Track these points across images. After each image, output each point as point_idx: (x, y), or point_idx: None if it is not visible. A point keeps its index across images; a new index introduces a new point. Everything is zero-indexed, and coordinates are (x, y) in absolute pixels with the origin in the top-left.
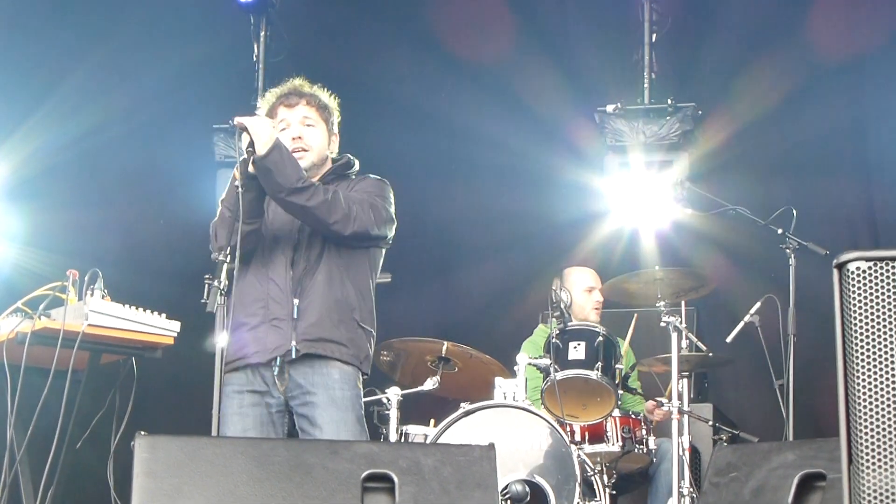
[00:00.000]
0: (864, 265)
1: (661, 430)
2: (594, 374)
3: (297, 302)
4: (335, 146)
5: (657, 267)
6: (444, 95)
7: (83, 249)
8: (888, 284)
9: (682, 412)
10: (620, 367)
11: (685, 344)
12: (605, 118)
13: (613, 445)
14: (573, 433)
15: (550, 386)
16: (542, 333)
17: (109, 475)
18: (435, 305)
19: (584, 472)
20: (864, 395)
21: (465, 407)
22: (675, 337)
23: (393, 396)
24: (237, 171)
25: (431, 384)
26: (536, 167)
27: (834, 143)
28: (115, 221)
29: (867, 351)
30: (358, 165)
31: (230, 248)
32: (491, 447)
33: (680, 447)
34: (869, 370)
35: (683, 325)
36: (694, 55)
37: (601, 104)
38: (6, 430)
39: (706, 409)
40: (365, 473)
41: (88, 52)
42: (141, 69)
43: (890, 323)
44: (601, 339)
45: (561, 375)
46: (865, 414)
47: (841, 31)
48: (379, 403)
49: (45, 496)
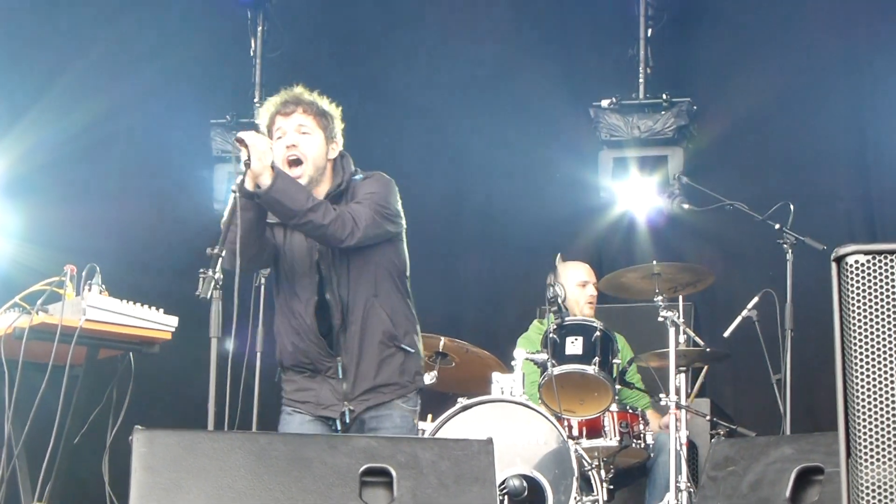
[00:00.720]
0: (862, 259)
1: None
2: (591, 368)
3: (340, 360)
4: (336, 152)
5: (654, 262)
6: (440, 90)
7: (81, 245)
8: (887, 278)
9: (679, 407)
10: (618, 361)
11: (682, 338)
12: (600, 113)
13: (611, 440)
14: (570, 428)
15: (548, 381)
16: (538, 328)
17: (104, 470)
18: (432, 301)
19: (581, 466)
20: (862, 388)
21: (462, 402)
22: (672, 331)
23: None
24: (236, 188)
25: (428, 379)
26: (532, 162)
27: (831, 137)
28: (112, 216)
29: (866, 344)
30: (353, 169)
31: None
32: (489, 442)
33: (677, 442)
34: (867, 364)
35: (681, 319)
36: (689, 50)
37: (596, 99)
38: (4, 424)
39: (704, 403)
40: (363, 468)
41: (86, 47)
42: (138, 64)
43: (888, 316)
44: (598, 333)
45: (558, 370)
46: (864, 407)
47: (839, 25)
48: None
49: (42, 490)
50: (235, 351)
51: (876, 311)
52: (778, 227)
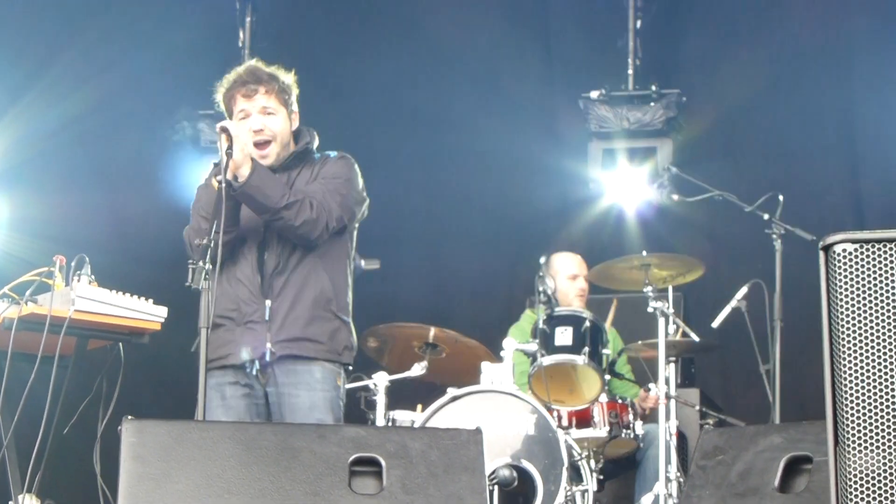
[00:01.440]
0: (850, 247)
1: (648, 415)
2: (581, 359)
3: (269, 303)
4: (296, 124)
5: (644, 252)
6: (429, 83)
7: (70, 235)
8: (874, 266)
9: (668, 397)
10: (607, 352)
11: (672, 329)
12: (589, 105)
13: (601, 430)
14: (560, 418)
15: (537, 371)
16: (528, 319)
17: (96, 460)
18: (422, 291)
19: (571, 457)
20: (850, 376)
21: (452, 392)
22: (662, 322)
23: (380, 382)
24: (214, 179)
25: (419, 370)
26: (521, 153)
27: (820, 128)
28: (101, 207)
29: (853, 332)
30: (317, 141)
31: (212, 246)
32: (478, 431)
33: (667, 432)
34: (855, 352)
35: (671, 310)
36: (678, 42)
37: (585, 91)
38: None
39: (693, 394)
40: (352, 457)
41: (74, 38)
42: (127, 55)
43: (876, 304)
44: (588, 324)
45: (548, 361)
46: (852, 396)
47: (827, 15)
48: (366, 389)
49: (32, 481)
50: None
51: (864, 299)
52: (767, 217)
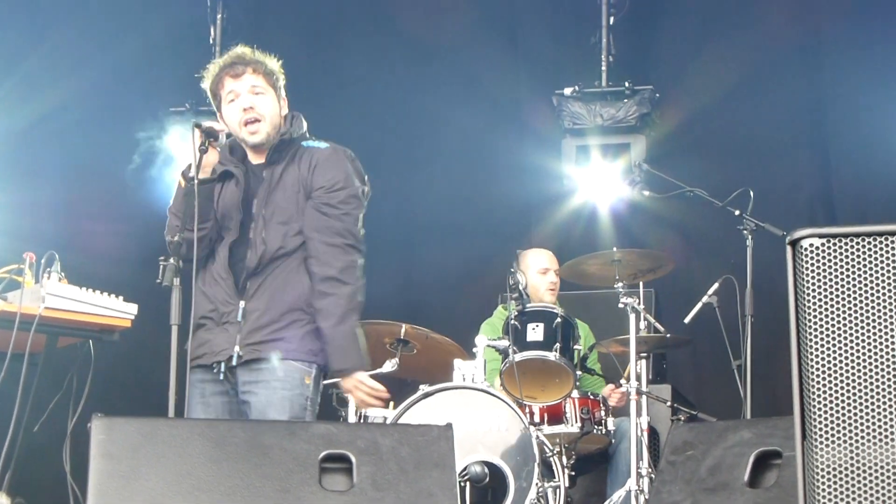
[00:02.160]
0: (817, 242)
1: (619, 410)
2: (552, 355)
3: (242, 304)
4: (285, 109)
5: (615, 248)
6: (402, 79)
7: (40, 233)
8: (841, 261)
9: (640, 393)
10: (579, 347)
11: (643, 325)
12: (562, 101)
13: (572, 426)
14: (532, 414)
15: (509, 367)
16: (500, 315)
17: (65, 458)
18: (393, 288)
19: (542, 453)
20: (817, 371)
21: (423, 389)
22: (633, 318)
23: None
24: (182, 177)
25: (390, 366)
26: (494, 150)
27: (791, 124)
28: (71, 204)
29: (820, 327)
30: (304, 126)
31: (185, 242)
32: (448, 427)
33: (638, 428)
34: (822, 346)
35: (641, 306)
36: (651, 38)
37: (559, 87)
38: None
39: (665, 389)
40: (322, 454)
41: (43, 36)
42: (97, 52)
43: (842, 299)
44: (559, 320)
45: (519, 357)
46: (818, 390)
47: (798, 13)
48: (337, 386)
49: (1, 479)
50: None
51: (830, 294)
52: (738, 213)
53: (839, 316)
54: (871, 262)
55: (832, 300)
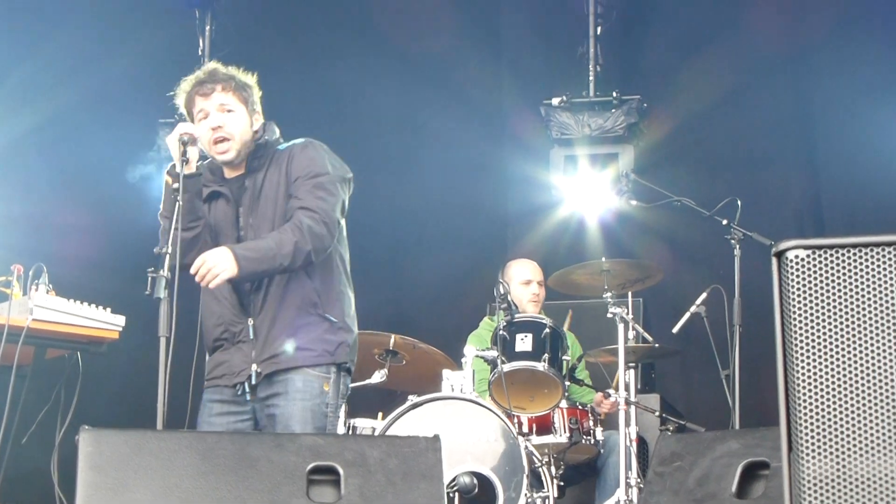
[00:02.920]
0: (802, 253)
1: (608, 421)
2: (541, 365)
3: (251, 322)
4: (258, 124)
5: (603, 258)
6: (389, 91)
7: (28, 244)
8: (826, 272)
9: (628, 403)
10: (567, 358)
11: (632, 335)
12: (550, 111)
13: (561, 437)
14: (521, 425)
15: (498, 378)
16: (488, 325)
17: (53, 470)
18: (382, 298)
19: (531, 463)
20: (803, 382)
21: (412, 399)
22: (621, 328)
23: None
24: (169, 175)
25: (379, 377)
26: (483, 160)
27: (779, 134)
28: (59, 216)
29: (806, 339)
30: (277, 133)
31: (172, 251)
32: (436, 439)
33: (627, 438)
34: (808, 358)
35: (630, 315)
36: (639, 48)
37: (546, 97)
38: None
39: (653, 399)
40: (310, 466)
41: (33, 49)
42: (87, 64)
43: (828, 310)
44: (548, 330)
45: (508, 367)
46: (805, 402)
47: (784, 22)
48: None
49: None
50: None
51: (816, 305)
52: (725, 222)
53: (825, 327)
54: (857, 273)
55: (818, 312)
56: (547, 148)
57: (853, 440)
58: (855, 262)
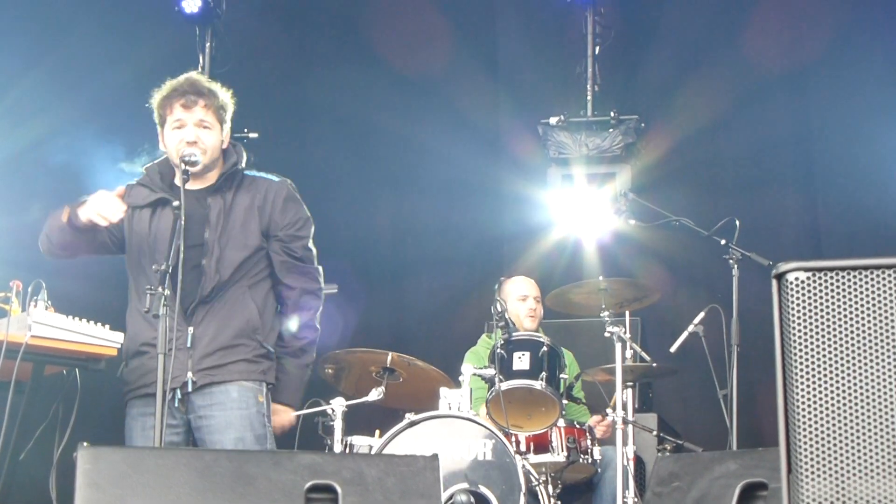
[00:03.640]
0: (802, 275)
1: (605, 440)
2: (538, 384)
3: (191, 330)
4: (226, 142)
5: (601, 277)
6: (388, 109)
7: (26, 260)
8: (826, 295)
9: (626, 422)
10: (565, 377)
11: (629, 354)
12: (548, 130)
13: (558, 455)
14: (518, 443)
15: (495, 396)
16: (485, 343)
17: (51, 486)
18: (380, 316)
19: (528, 482)
20: (803, 404)
21: (409, 417)
22: (619, 347)
23: (337, 407)
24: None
25: (376, 395)
26: (481, 179)
27: (777, 154)
28: None
29: (805, 361)
30: (245, 158)
31: (170, 264)
32: (434, 458)
33: (624, 457)
34: (807, 380)
35: (627, 335)
36: (637, 68)
37: (544, 117)
38: None
39: (651, 419)
40: (308, 484)
41: (34, 63)
42: (86, 80)
43: (828, 333)
44: (545, 349)
45: (505, 385)
46: (804, 423)
47: (782, 43)
48: (323, 414)
49: None
50: None
51: (816, 327)
52: (724, 242)
53: (825, 350)
54: (856, 295)
55: (818, 334)
56: (544, 167)
57: (853, 462)
58: (855, 284)
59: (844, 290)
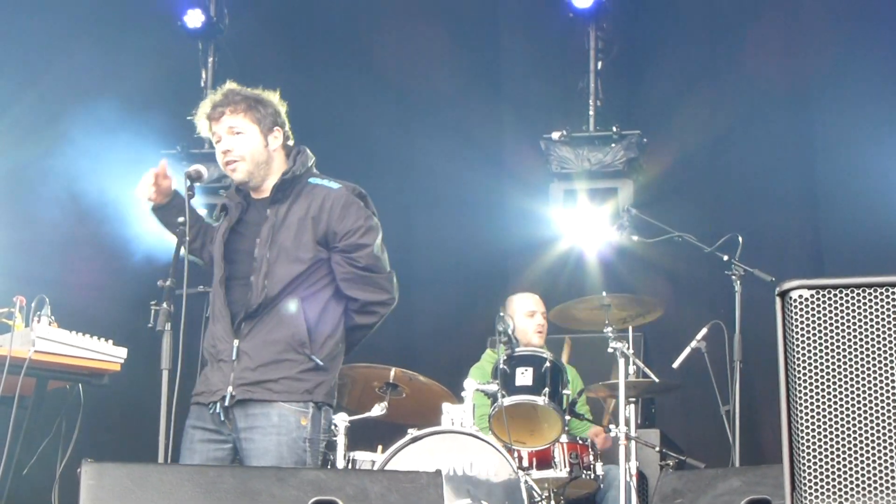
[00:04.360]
0: (806, 293)
1: (608, 456)
2: (541, 399)
3: (237, 343)
4: (279, 139)
5: (604, 293)
6: (391, 125)
7: (32, 274)
8: (830, 312)
9: (629, 438)
10: (568, 392)
11: (632, 370)
12: (550, 145)
13: (561, 471)
14: (521, 459)
15: (498, 411)
16: (489, 359)
17: (54, 501)
18: (382, 331)
19: (531, 498)
20: (806, 422)
21: (412, 433)
22: (622, 363)
23: (340, 422)
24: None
25: (379, 410)
26: (483, 195)
27: (780, 170)
28: (61, 247)
29: (809, 378)
30: (311, 161)
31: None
32: (437, 474)
33: (627, 473)
34: (811, 397)
35: (630, 350)
36: (639, 83)
37: (546, 132)
38: None
39: (653, 434)
40: (312, 500)
41: (38, 78)
42: (89, 95)
43: (831, 350)
44: (548, 364)
45: (508, 401)
46: (808, 440)
47: (784, 59)
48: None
49: None
50: None
51: (819, 345)
52: (726, 258)
53: (828, 367)
54: (860, 313)
55: (821, 351)
56: (546, 182)
57: (856, 480)
58: (858, 302)
59: (848, 307)
